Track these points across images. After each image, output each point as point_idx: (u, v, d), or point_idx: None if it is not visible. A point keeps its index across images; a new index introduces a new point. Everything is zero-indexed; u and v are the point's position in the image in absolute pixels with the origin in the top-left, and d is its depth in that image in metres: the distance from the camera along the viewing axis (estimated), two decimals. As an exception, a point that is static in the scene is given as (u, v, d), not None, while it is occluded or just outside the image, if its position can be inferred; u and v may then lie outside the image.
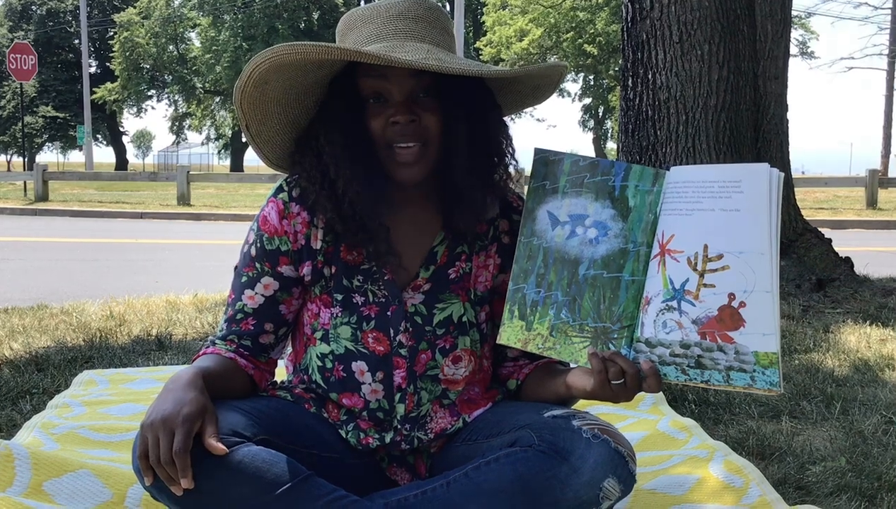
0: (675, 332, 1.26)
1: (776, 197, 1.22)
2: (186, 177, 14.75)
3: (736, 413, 2.36)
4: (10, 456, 1.70)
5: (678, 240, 1.28)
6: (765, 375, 1.21)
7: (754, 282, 1.21)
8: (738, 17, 4.12)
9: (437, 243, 1.51)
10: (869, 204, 13.67)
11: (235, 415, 1.36)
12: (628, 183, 1.36)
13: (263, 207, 1.51)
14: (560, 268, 1.38)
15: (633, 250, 1.34)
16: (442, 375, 1.51)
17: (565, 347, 1.37)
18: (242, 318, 1.50)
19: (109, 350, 3.12)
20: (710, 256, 1.24)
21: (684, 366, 1.27)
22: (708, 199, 1.25)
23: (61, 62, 40.81)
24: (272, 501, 1.30)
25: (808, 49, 32.38)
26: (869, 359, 2.95)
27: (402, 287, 1.50)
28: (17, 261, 7.06)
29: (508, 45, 29.15)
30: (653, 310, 1.29)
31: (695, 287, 1.25)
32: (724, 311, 1.22)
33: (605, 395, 1.33)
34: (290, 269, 1.50)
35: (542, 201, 1.42)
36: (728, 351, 1.23)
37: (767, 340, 1.21)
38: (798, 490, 1.82)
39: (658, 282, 1.29)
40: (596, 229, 1.37)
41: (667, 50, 4.11)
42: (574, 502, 1.33)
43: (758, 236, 1.22)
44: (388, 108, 1.41)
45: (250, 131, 1.48)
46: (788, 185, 4.67)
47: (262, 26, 33.03)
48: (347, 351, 1.48)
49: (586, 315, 1.36)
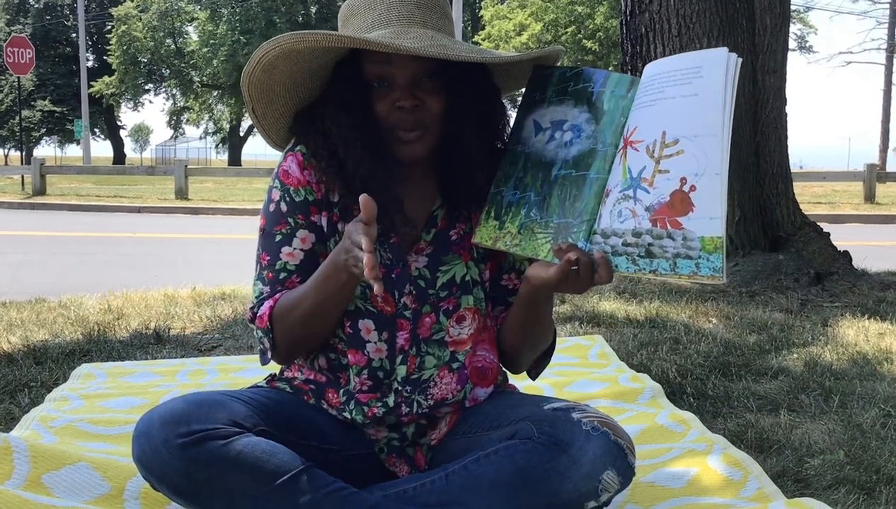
0: (629, 221, 1.27)
1: (731, 81, 1.23)
2: (184, 171, 14.72)
3: (734, 406, 2.36)
4: (9, 449, 1.69)
5: (640, 130, 1.29)
6: (709, 261, 1.21)
7: (706, 165, 1.21)
8: (736, 11, 4.11)
9: (437, 207, 1.54)
10: (867, 198, 13.68)
11: (236, 406, 1.36)
12: (605, 88, 1.40)
13: (281, 163, 1.52)
14: (536, 170, 1.43)
15: (601, 150, 1.37)
16: (448, 338, 1.52)
17: (529, 243, 1.40)
18: (286, 277, 1.49)
19: (108, 343, 3.12)
20: (667, 142, 1.25)
21: (635, 255, 1.27)
22: (670, 87, 1.27)
23: (59, 56, 40.70)
24: (271, 492, 1.30)
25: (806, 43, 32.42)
26: (867, 353, 2.95)
27: (406, 250, 1.51)
28: (15, 255, 7.05)
29: (507, 39, 29.11)
30: (611, 201, 1.31)
31: (650, 173, 1.26)
32: (676, 196, 1.23)
33: (559, 283, 1.32)
34: (321, 217, 1.51)
35: (530, 111, 1.48)
36: (676, 237, 1.23)
37: (714, 224, 1.21)
38: (796, 483, 1.82)
39: (618, 173, 1.31)
40: (571, 132, 1.41)
41: (666, 43, 4.10)
42: (573, 494, 1.34)
43: (712, 119, 1.22)
44: (392, 92, 1.43)
45: (256, 113, 1.50)
46: (787, 180, 4.66)
47: (260, 20, 32.97)
48: (357, 308, 1.49)
49: (552, 212, 1.38)
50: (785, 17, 4.77)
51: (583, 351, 2.92)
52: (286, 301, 1.46)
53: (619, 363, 2.78)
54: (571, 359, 2.82)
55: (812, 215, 5.59)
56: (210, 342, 3.22)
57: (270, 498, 1.30)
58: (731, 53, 1.24)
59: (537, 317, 1.52)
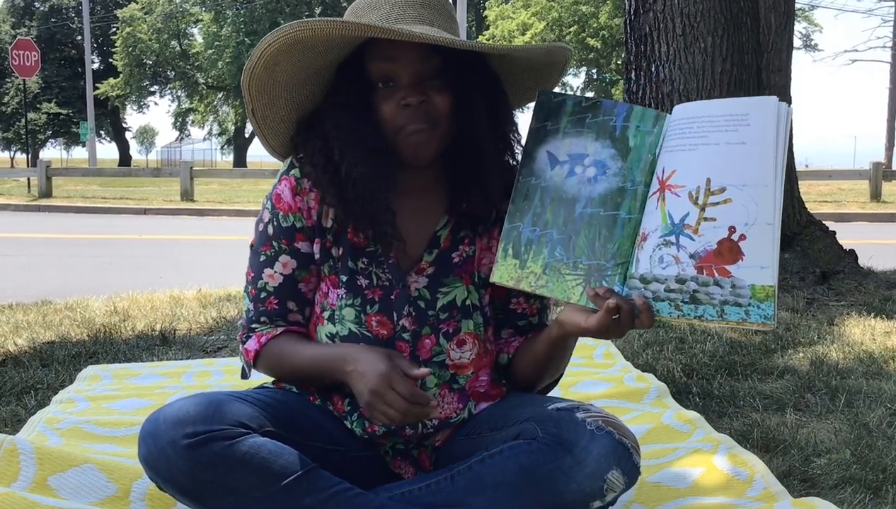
0: (672, 267, 1.25)
1: (784, 130, 1.21)
2: (189, 172, 14.75)
3: (740, 406, 2.35)
4: (15, 452, 1.70)
5: (680, 175, 1.26)
6: (760, 309, 1.20)
7: (756, 214, 1.20)
8: (741, 10, 4.10)
9: (441, 227, 1.51)
10: (873, 197, 13.63)
11: (242, 407, 1.36)
12: (629, 123, 1.36)
13: (276, 185, 1.51)
14: (557, 206, 1.37)
15: (630, 189, 1.33)
16: (449, 360, 1.50)
17: (558, 285, 1.36)
18: (266, 297, 1.52)
19: (114, 345, 3.12)
20: (712, 190, 1.23)
21: (678, 301, 1.25)
22: (713, 133, 1.24)
23: (64, 58, 40.80)
24: (277, 492, 1.30)
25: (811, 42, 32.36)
26: (873, 352, 2.95)
27: (405, 271, 1.50)
28: (21, 257, 7.07)
29: (511, 39, 29.10)
30: (649, 245, 1.28)
31: (695, 221, 1.24)
32: (724, 245, 1.21)
33: (598, 330, 1.31)
34: (307, 245, 1.50)
35: (543, 141, 1.42)
36: (724, 285, 1.21)
37: (765, 273, 1.19)
38: (803, 482, 1.82)
39: (656, 217, 1.28)
40: (595, 168, 1.37)
41: (670, 43, 4.10)
42: (578, 494, 1.33)
43: (763, 169, 1.20)
44: (397, 91, 1.41)
45: (256, 116, 1.48)
46: (792, 178, 4.65)
47: (265, 22, 32.99)
48: (351, 333, 1.48)
49: (581, 253, 1.35)
50: (789, 15, 4.77)
51: (588, 351, 2.92)
52: (278, 351, 1.50)
53: (624, 363, 2.78)
54: (577, 359, 2.82)
55: (818, 214, 5.58)
56: (216, 343, 3.23)
57: (276, 498, 1.31)
58: (781, 102, 1.22)
59: (563, 356, 1.53)
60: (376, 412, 1.33)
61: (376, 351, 1.39)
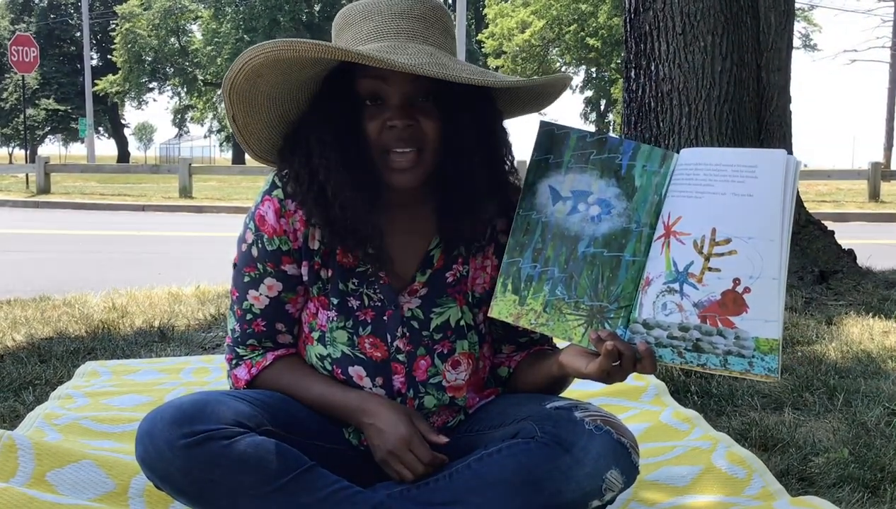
0: (675, 315, 1.24)
1: (791, 184, 1.20)
2: (188, 169, 14.74)
3: (739, 404, 2.36)
4: (14, 447, 1.70)
5: (685, 222, 1.25)
6: (763, 361, 1.20)
7: (761, 268, 1.19)
8: (741, 9, 4.10)
9: (433, 247, 1.47)
10: (871, 196, 13.64)
11: (239, 406, 1.36)
12: (636, 162, 1.34)
13: (258, 204, 1.45)
14: (559, 243, 1.35)
15: (636, 230, 1.31)
16: (445, 382, 1.48)
17: (559, 324, 1.34)
18: (252, 319, 1.49)
19: (112, 341, 3.12)
20: (717, 240, 1.22)
21: (681, 348, 1.25)
22: (720, 183, 1.23)
23: (63, 54, 40.79)
24: (275, 491, 1.30)
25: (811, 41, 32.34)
26: (872, 351, 2.95)
27: (398, 291, 1.47)
28: (20, 253, 7.06)
29: (510, 36, 29.09)
30: (653, 291, 1.27)
31: (699, 270, 1.23)
32: (728, 296, 1.21)
33: (599, 376, 1.30)
34: (294, 268, 1.46)
35: (544, 175, 1.38)
36: (728, 335, 1.21)
37: (770, 327, 1.19)
38: (801, 481, 1.82)
39: (660, 263, 1.27)
40: (599, 207, 1.34)
41: (670, 41, 4.09)
42: (577, 493, 1.33)
43: (769, 223, 1.20)
44: (385, 111, 1.35)
45: (237, 123, 1.42)
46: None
47: (264, 18, 32.94)
48: (344, 355, 1.46)
49: (583, 293, 1.33)
50: (789, 14, 4.76)
51: (586, 349, 2.92)
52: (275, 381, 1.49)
53: (622, 361, 2.78)
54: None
55: (816, 213, 5.58)
56: (214, 340, 3.22)
57: (274, 497, 1.30)
58: (789, 156, 1.21)
59: (562, 388, 1.53)
60: (391, 470, 1.36)
61: (396, 408, 1.41)
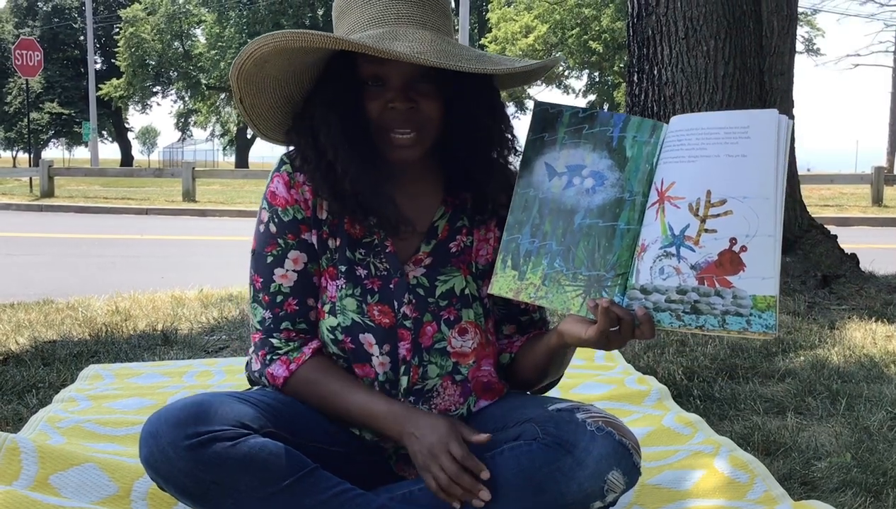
0: (673, 278, 1.25)
1: (784, 143, 1.22)
2: (192, 173, 14.75)
3: (741, 408, 2.36)
4: (17, 450, 1.70)
5: (679, 186, 1.27)
6: (761, 318, 1.21)
7: (757, 226, 1.20)
8: (744, 13, 4.11)
9: (438, 217, 1.52)
10: (875, 201, 13.63)
11: (243, 407, 1.36)
12: (626, 133, 1.36)
13: (269, 184, 1.50)
14: (556, 218, 1.37)
15: (629, 199, 1.34)
16: (450, 348, 1.51)
17: (557, 296, 1.35)
18: (283, 300, 1.49)
19: (115, 344, 3.13)
20: (712, 201, 1.23)
21: (679, 311, 1.26)
22: (713, 145, 1.24)
23: (67, 58, 40.84)
24: (278, 493, 1.31)
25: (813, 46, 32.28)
26: (874, 356, 2.94)
27: (403, 261, 1.50)
28: (23, 257, 7.08)
29: (513, 41, 29.09)
30: (649, 256, 1.28)
31: (695, 232, 1.24)
32: (725, 256, 1.22)
33: (598, 339, 1.31)
34: (311, 235, 1.50)
35: (540, 153, 1.41)
36: (725, 295, 1.22)
37: (767, 284, 1.20)
38: (803, 485, 1.82)
39: (656, 228, 1.28)
40: (593, 179, 1.37)
41: (672, 46, 4.10)
42: (579, 494, 1.34)
43: (763, 181, 1.21)
44: (386, 92, 1.41)
45: (244, 104, 1.46)
46: (794, 182, 4.66)
47: (267, 22, 33.01)
48: (354, 323, 1.48)
49: (580, 264, 1.34)
50: (792, 19, 4.77)
51: (589, 353, 2.92)
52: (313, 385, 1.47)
53: (625, 365, 2.78)
54: (578, 361, 2.82)
55: (819, 218, 5.58)
56: (217, 343, 3.23)
57: (277, 499, 1.31)
58: (781, 116, 1.23)
59: (562, 362, 1.54)
60: (429, 475, 1.34)
61: (438, 416, 1.41)
